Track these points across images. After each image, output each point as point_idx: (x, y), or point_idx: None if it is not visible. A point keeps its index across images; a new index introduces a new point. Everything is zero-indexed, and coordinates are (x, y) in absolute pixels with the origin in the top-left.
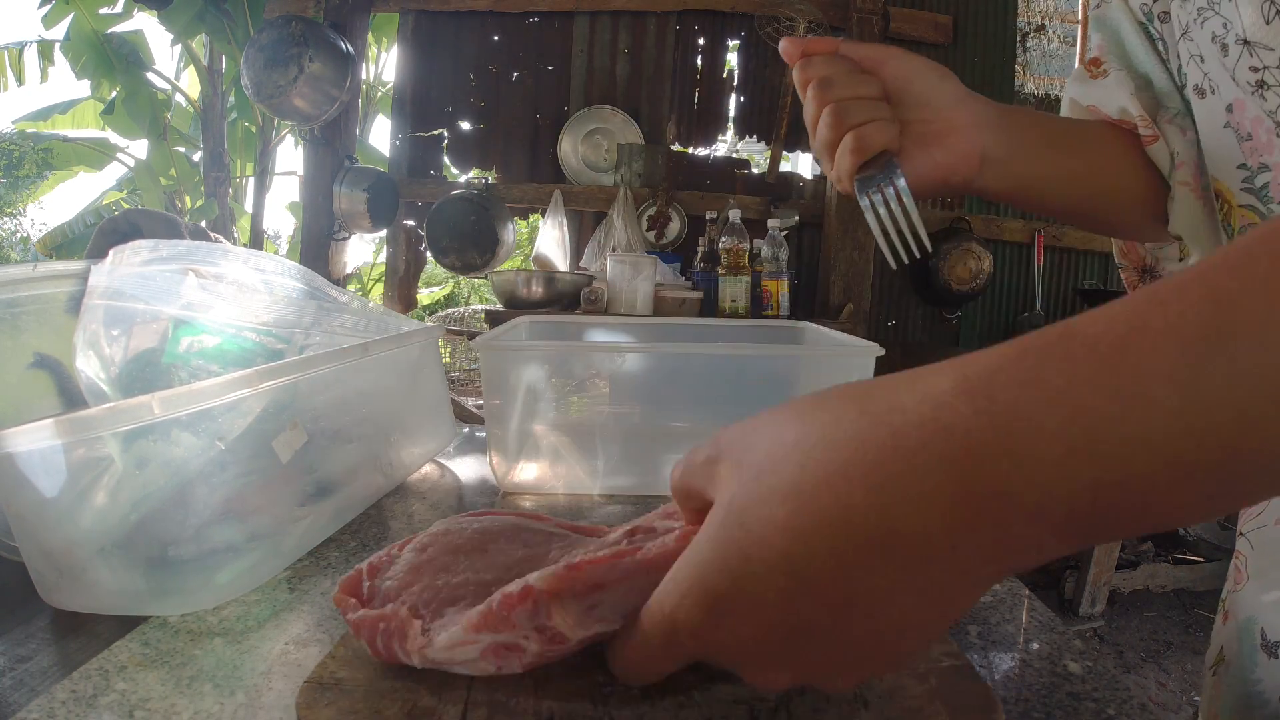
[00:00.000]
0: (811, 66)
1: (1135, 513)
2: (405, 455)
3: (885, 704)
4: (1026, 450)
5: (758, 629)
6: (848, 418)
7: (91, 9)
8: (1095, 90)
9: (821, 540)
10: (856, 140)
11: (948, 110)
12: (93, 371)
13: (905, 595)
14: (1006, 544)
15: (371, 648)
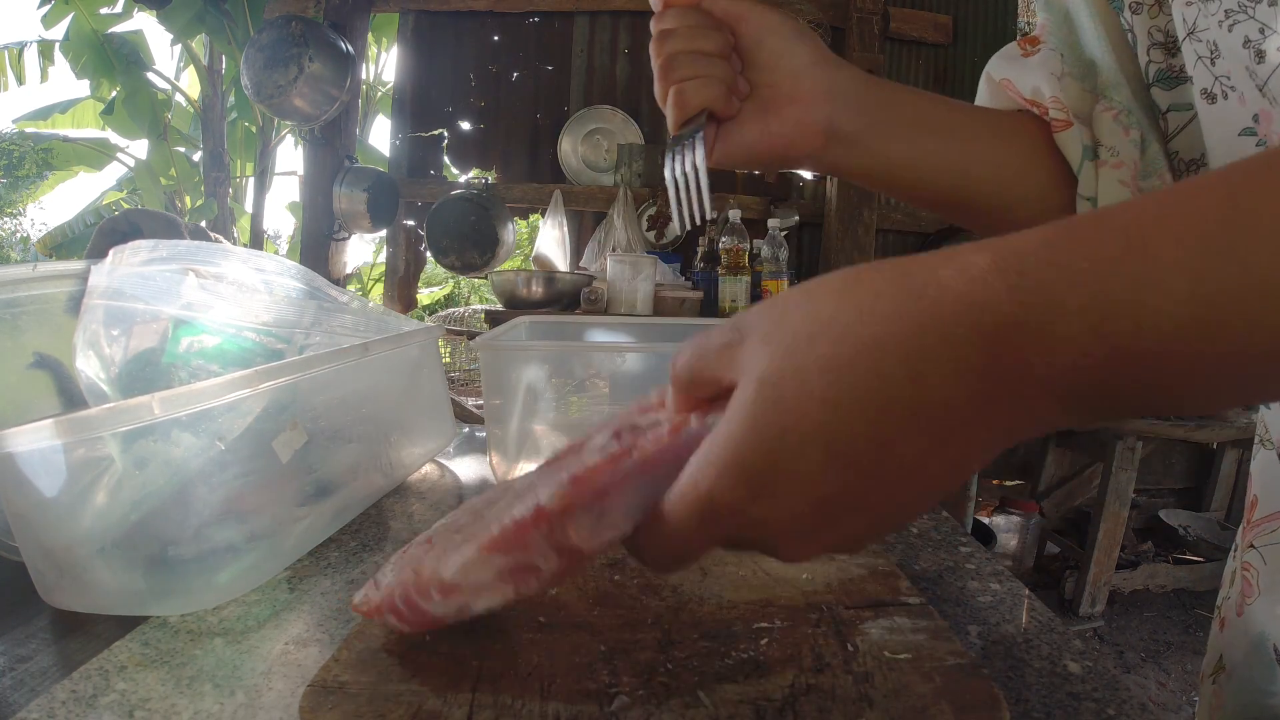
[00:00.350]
0: (664, 18)
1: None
2: (405, 455)
3: (890, 702)
4: (1049, 327)
5: (796, 502)
6: (887, 293)
7: (91, 9)
8: (1015, 67)
9: (859, 412)
10: (676, 96)
11: (796, 76)
12: (93, 371)
13: (933, 462)
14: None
15: (398, 618)
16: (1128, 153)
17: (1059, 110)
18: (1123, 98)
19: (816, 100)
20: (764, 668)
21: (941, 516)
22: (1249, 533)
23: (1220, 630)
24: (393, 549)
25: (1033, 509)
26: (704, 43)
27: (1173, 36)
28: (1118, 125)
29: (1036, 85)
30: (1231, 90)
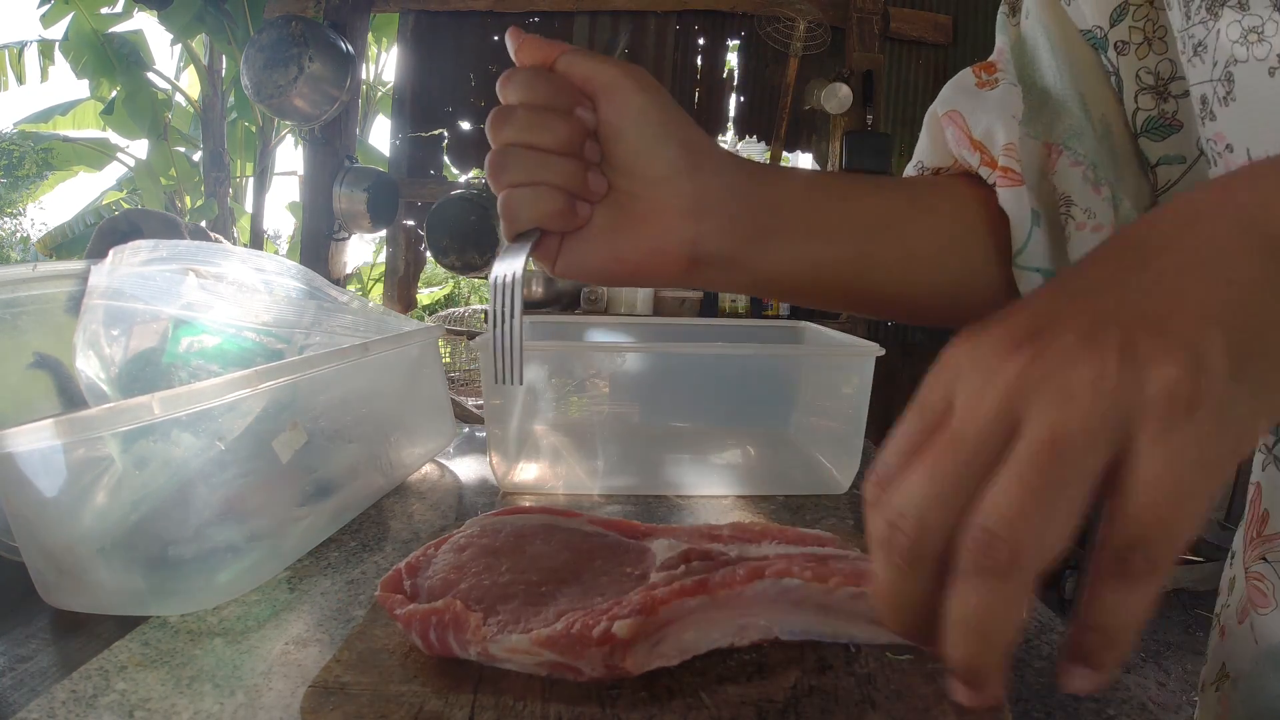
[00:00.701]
0: (508, 87)
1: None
2: (405, 455)
3: (893, 704)
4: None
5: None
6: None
7: (91, 9)
8: (968, 99)
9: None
10: (504, 207)
11: (655, 187)
12: (93, 371)
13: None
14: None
15: (423, 640)
16: (1104, 214)
17: (1011, 160)
18: (1087, 149)
19: (679, 219)
20: (766, 669)
21: None
22: (1258, 545)
23: (1221, 639)
24: (393, 549)
25: None
26: (544, 135)
27: (1164, 78)
28: (1087, 183)
29: (989, 127)
30: (1220, 155)
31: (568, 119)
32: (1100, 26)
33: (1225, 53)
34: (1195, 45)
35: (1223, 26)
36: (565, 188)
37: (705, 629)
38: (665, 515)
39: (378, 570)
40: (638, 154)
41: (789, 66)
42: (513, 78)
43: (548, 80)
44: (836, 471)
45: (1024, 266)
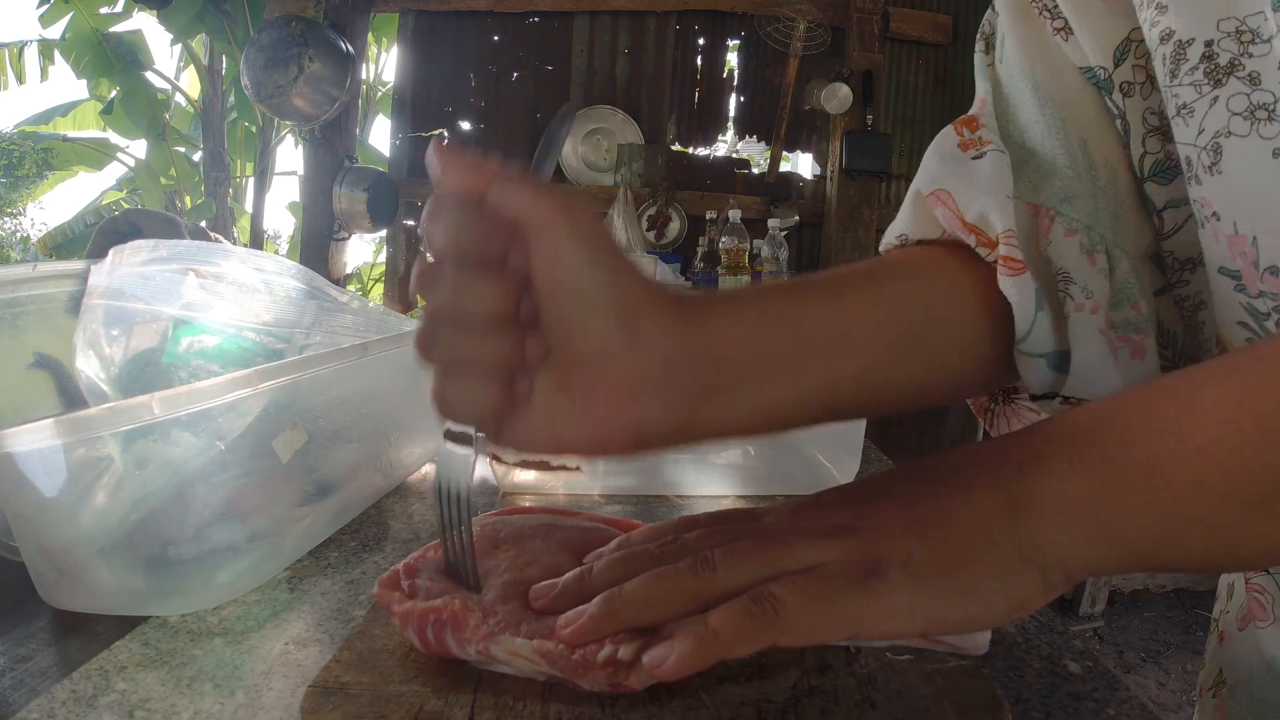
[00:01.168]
0: (437, 224)
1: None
2: (405, 455)
3: (893, 704)
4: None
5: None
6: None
7: (91, 8)
8: (956, 173)
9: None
10: (438, 396)
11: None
12: (93, 371)
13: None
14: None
15: (420, 638)
16: (1099, 288)
17: (1012, 249)
18: (1082, 211)
19: (619, 403)
20: (766, 669)
21: None
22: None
23: (1220, 644)
24: (393, 549)
25: None
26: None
27: (1167, 119)
28: (1083, 253)
29: (984, 211)
30: (1206, 220)
31: (500, 280)
32: (1104, 67)
33: (1218, 123)
34: (1179, 106)
35: (1224, 95)
36: (502, 367)
37: None
38: (666, 515)
39: (378, 570)
40: (572, 323)
41: (789, 66)
42: (439, 214)
43: (476, 220)
44: (836, 471)
45: (1028, 353)
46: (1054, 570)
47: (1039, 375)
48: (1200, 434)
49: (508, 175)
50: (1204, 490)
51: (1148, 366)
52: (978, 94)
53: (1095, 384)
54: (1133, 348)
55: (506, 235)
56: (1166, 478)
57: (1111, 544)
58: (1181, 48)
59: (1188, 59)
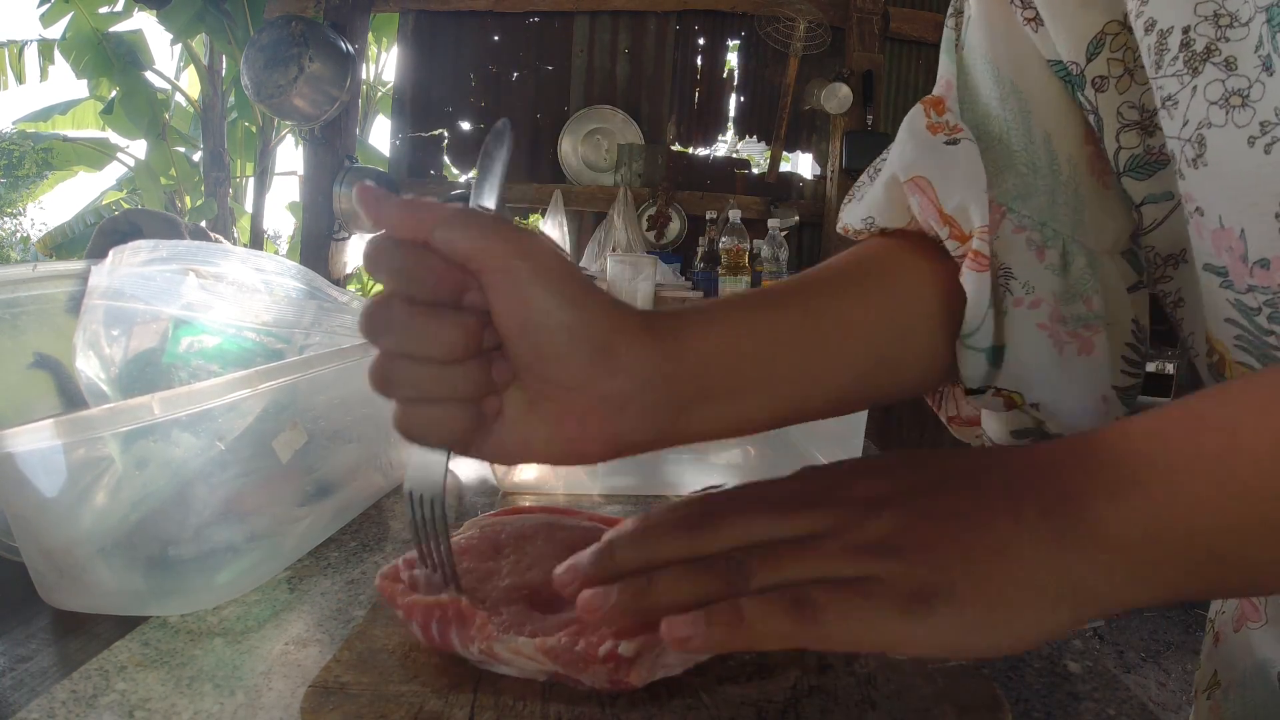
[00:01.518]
0: (379, 264)
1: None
2: (405, 455)
3: (893, 704)
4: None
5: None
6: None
7: (91, 8)
8: (931, 159)
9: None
10: (400, 427)
11: (565, 392)
12: (93, 371)
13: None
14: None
15: (424, 632)
16: (1045, 285)
17: (984, 244)
18: (1035, 207)
19: (595, 423)
20: (766, 669)
21: None
22: None
23: (1215, 645)
24: (393, 549)
25: None
26: (431, 345)
27: (1149, 111)
28: (1030, 249)
29: (963, 202)
30: (1191, 215)
31: (456, 320)
32: (1076, 62)
33: (1199, 113)
34: (1164, 98)
35: (1201, 84)
36: (469, 397)
37: None
38: None
39: (378, 570)
40: (545, 359)
41: (789, 66)
42: (378, 259)
43: (423, 262)
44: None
45: (970, 346)
46: (1089, 607)
47: (977, 369)
48: (1241, 475)
49: (451, 215)
50: (1245, 534)
51: (1095, 362)
52: (943, 72)
53: (1030, 378)
54: (1080, 343)
55: (459, 277)
56: (1210, 521)
57: (1151, 584)
58: (1163, 37)
59: (1169, 48)
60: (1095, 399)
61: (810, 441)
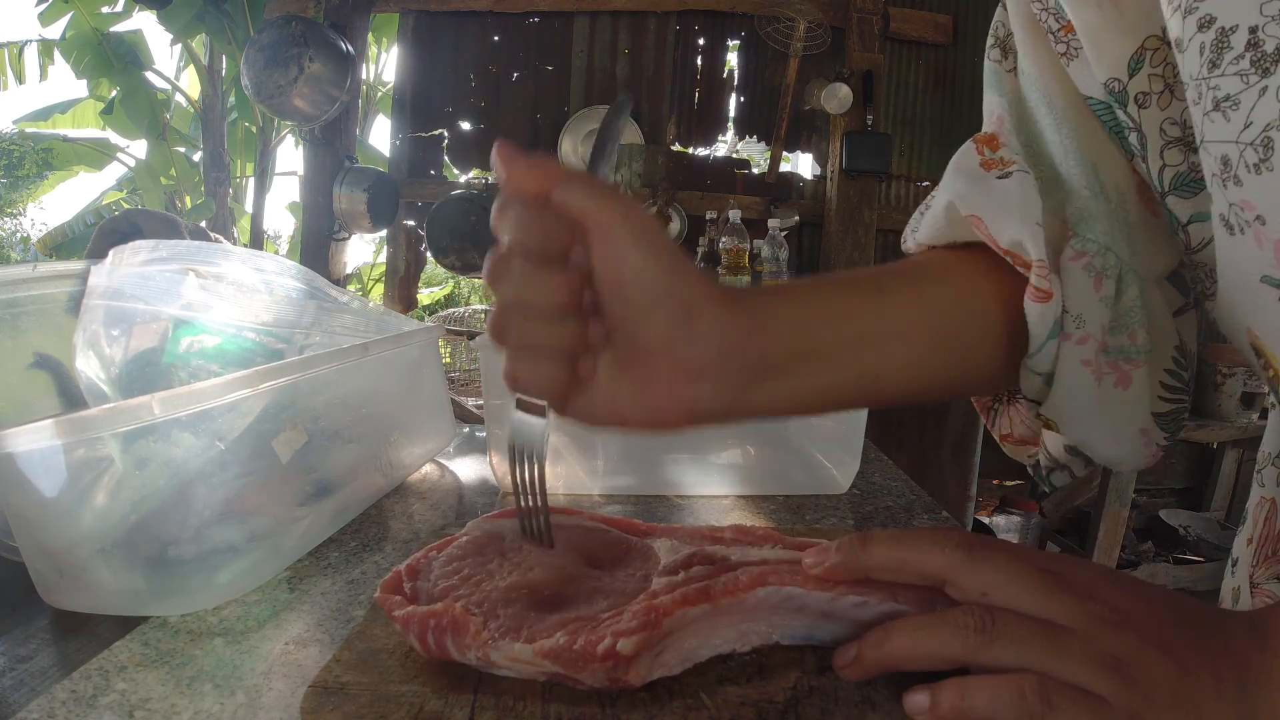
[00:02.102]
0: (504, 220)
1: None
2: (405, 455)
3: (893, 704)
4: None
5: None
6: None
7: (91, 8)
8: (984, 197)
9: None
10: (509, 377)
11: (651, 351)
12: (93, 371)
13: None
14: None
15: (421, 643)
16: (1095, 317)
17: (1042, 279)
18: (1099, 231)
19: (675, 387)
20: (766, 670)
21: (942, 516)
22: (1273, 564)
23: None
24: (393, 549)
25: (1033, 509)
26: (543, 294)
27: (1190, 127)
28: (1088, 276)
29: (1017, 238)
30: (1248, 224)
31: (565, 272)
32: (1118, 79)
33: (1269, 114)
34: (1220, 99)
35: (1273, 85)
36: (568, 351)
37: (707, 636)
38: (666, 515)
39: (378, 570)
40: (633, 317)
41: (789, 66)
42: (506, 212)
43: (542, 218)
44: (836, 471)
45: (1031, 369)
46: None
47: (1034, 387)
48: None
49: (570, 177)
50: None
51: (1131, 396)
52: (992, 108)
53: (1069, 413)
54: (1119, 375)
55: (570, 233)
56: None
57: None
58: (1224, 35)
59: (1231, 46)
60: (1132, 433)
61: (812, 444)
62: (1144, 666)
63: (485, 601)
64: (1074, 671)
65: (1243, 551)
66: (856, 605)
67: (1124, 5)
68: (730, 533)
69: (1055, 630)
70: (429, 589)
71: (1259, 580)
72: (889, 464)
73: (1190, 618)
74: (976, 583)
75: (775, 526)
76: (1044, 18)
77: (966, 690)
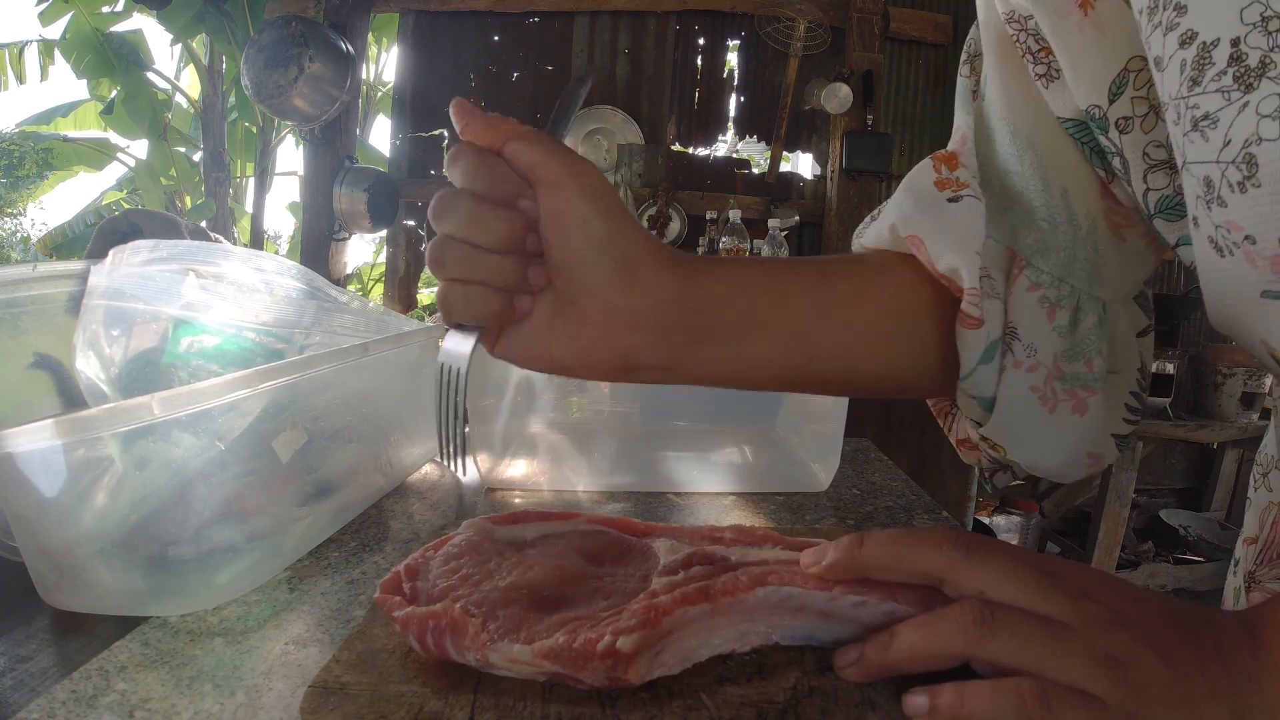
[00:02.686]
0: (456, 166)
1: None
2: (405, 455)
3: (893, 705)
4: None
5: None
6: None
7: (91, 8)
8: (928, 218)
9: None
10: (442, 303)
11: (590, 297)
12: (93, 372)
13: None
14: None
15: (420, 644)
16: (1048, 346)
17: (973, 306)
18: (1053, 263)
19: (612, 333)
20: (766, 670)
21: (942, 516)
22: (1277, 565)
23: None
24: (393, 549)
25: (1033, 509)
26: (485, 233)
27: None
28: (1042, 308)
29: (954, 265)
30: (1236, 246)
31: (510, 216)
32: (1098, 105)
33: (1246, 129)
34: (1199, 118)
35: (1255, 100)
36: (505, 286)
37: (707, 636)
38: (665, 514)
39: (378, 570)
40: (575, 264)
41: (789, 66)
42: (458, 159)
43: (492, 168)
44: (818, 469)
45: (967, 392)
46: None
47: (972, 409)
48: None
49: (526, 132)
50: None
51: (1086, 422)
52: (959, 125)
53: (1014, 436)
54: (1075, 402)
55: (518, 183)
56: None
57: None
58: (1206, 50)
59: (1213, 62)
60: (1078, 455)
61: (799, 449)
62: (1139, 666)
63: (484, 602)
64: (1073, 668)
65: (1242, 552)
66: (856, 605)
67: (1106, 26)
68: (730, 533)
69: (1055, 626)
70: (428, 589)
71: (1261, 578)
72: (889, 464)
73: (1182, 618)
74: (973, 581)
75: (775, 527)
76: (1022, 38)
77: (965, 693)
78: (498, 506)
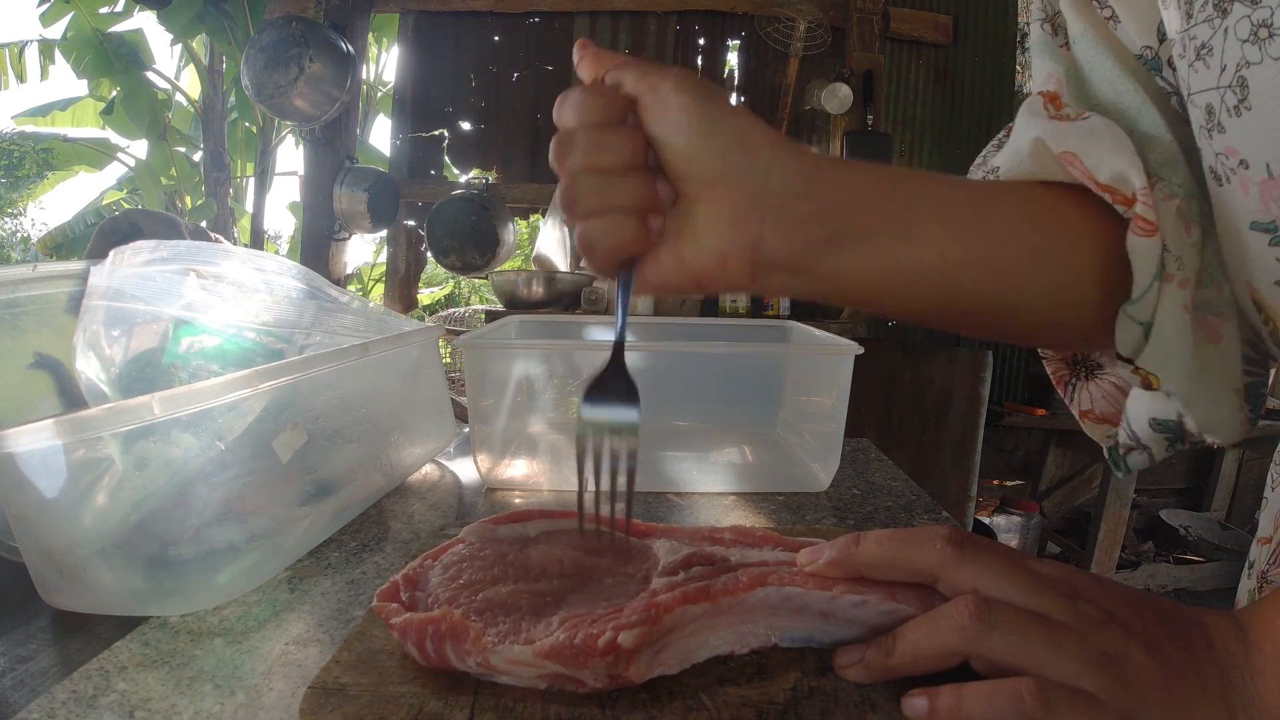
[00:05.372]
0: (563, 111)
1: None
2: (405, 455)
3: (893, 705)
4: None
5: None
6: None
7: (91, 8)
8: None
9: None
10: (584, 246)
11: (711, 188)
12: (93, 372)
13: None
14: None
15: (419, 650)
16: (1190, 262)
17: (1149, 208)
18: (1182, 178)
19: (738, 221)
20: (766, 670)
21: (942, 516)
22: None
23: None
24: (393, 549)
25: (1033, 509)
26: (608, 154)
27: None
28: (1180, 221)
29: (1119, 170)
30: (1233, 172)
31: (625, 132)
32: (1149, 46)
33: (1235, 54)
34: (1199, 48)
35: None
36: (638, 207)
37: (706, 637)
38: (665, 514)
39: (378, 570)
40: (687, 156)
41: (789, 66)
42: (566, 100)
43: (597, 96)
44: (818, 469)
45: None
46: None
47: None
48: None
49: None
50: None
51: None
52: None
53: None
54: (1209, 330)
55: (624, 105)
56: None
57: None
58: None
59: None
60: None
61: (795, 439)
62: (1133, 665)
63: (486, 608)
64: (1069, 666)
65: (1256, 553)
66: (856, 605)
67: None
68: (729, 534)
69: (1051, 623)
70: (426, 598)
71: (1274, 579)
72: (889, 464)
73: (1173, 618)
74: (967, 579)
75: (774, 527)
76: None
77: (964, 694)
78: (498, 506)
